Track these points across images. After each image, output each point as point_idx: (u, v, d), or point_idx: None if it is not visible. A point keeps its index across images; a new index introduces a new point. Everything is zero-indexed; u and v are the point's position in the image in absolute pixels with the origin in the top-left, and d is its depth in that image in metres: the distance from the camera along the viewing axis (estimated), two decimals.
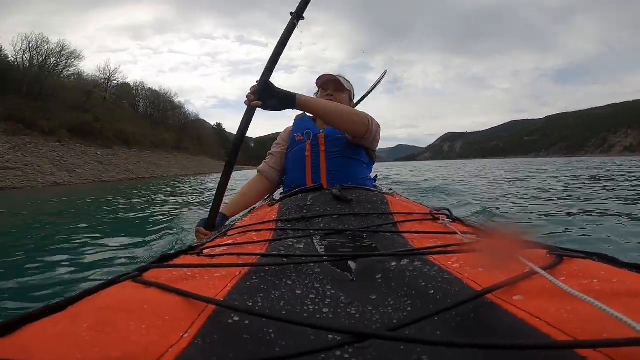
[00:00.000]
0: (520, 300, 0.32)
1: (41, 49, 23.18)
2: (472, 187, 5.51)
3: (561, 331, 0.26)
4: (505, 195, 4.13)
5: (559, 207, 3.11)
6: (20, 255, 2.14)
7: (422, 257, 0.47)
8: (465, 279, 0.39)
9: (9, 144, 15.22)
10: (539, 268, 0.35)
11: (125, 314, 0.31)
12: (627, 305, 0.28)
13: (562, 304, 0.29)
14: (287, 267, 0.47)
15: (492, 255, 0.44)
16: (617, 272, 0.35)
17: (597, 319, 0.26)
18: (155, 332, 0.29)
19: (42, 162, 15.23)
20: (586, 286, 0.32)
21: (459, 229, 0.62)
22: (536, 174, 8.66)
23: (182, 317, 0.32)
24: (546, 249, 0.43)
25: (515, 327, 0.28)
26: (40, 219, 4.03)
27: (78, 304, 0.34)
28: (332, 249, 0.59)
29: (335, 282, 0.43)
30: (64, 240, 2.61)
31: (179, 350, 0.27)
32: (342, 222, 0.74)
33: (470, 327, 0.30)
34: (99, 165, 18.98)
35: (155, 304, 0.33)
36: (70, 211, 4.81)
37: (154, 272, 0.44)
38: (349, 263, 0.49)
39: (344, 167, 1.26)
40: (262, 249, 0.58)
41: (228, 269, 0.45)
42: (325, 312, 0.35)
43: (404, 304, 0.36)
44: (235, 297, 0.38)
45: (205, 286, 0.40)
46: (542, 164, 20.68)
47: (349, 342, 0.27)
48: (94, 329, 0.28)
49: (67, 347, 0.26)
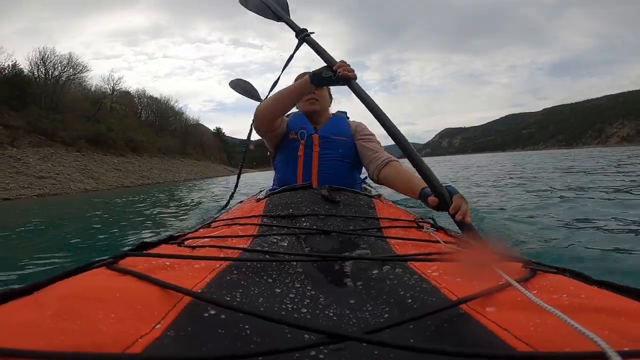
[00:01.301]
0: (492, 312, 0.33)
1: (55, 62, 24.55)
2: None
3: (527, 344, 0.27)
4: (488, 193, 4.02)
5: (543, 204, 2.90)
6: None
7: (404, 263, 0.48)
8: (442, 288, 0.39)
9: (37, 155, 16.56)
10: (514, 280, 0.36)
11: (95, 301, 0.30)
12: (592, 320, 0.28)
13: (532, 317, 0.30)
14: (269, 264, 0.46)
15: (471, 266, 0.45)
16: (586, 288, 0.36)
17: (562, 332, 0.26)
18: (125, 322, 0.28)
19: (70, 171, 16.60)
20: (556, 300, 0.33)
21: (442, 238, 0.63)
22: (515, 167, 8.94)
23: (156, 307, 0.31)
24: (522, 262, 0.45)
25: (484, 337, 0.29)
26: (130, 211, 5.26)
27: (44, 290, 0.33)
28: (316, 250, 0.59)
29: (316, 283, 0.43)
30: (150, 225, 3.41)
31: (150, 341, 0.26)
32: (329, 222, 0.74)
33: (443, 336, 0.31)
34: (118, 172, 20.33)
35: (128, 293, 0.33)
36: (137, 205, 6.10)
37: (131, 260, 0.43)
38: (331, 265, 0.50)
39: (336, 169, 1.26)
40: (245, 244, 0.57)
41: (208, 261, 0.45)
42: (303, 312, 0.36)
43: (381, 310, 0.37)
44: (213, 290, 0.37)
45: (183, 277, 0.39)
46: (534, 155, 20.48)
47: (325, 343, 0.27)
48: (59, 316, 0.27)
49: (29, 334, 0.25)
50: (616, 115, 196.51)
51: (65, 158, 18.05)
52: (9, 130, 17.03)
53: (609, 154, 14.71)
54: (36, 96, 21.46)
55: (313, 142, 1.26)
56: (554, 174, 6.09)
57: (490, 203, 3.13)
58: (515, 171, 7.56)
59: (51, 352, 0.23)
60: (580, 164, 8.12)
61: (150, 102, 40.37)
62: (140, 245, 0.53)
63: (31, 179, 13.80)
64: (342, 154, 1.26)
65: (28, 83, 21.72)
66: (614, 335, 0.26)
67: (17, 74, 21.09)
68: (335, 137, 1.27)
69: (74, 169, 17.24)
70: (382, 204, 0.98)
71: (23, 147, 16.65)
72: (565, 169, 6.84)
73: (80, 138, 20.84)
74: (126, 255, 0.44)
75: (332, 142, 1.26)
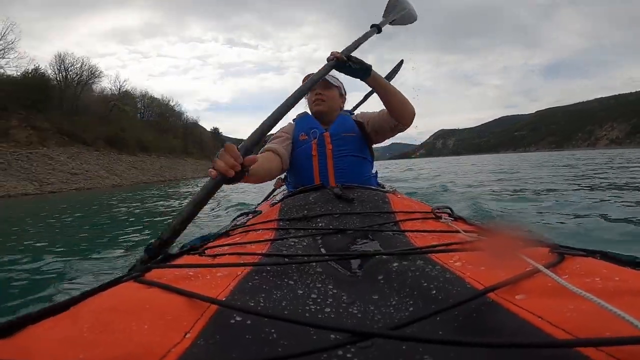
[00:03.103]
0: (522, 299, 0.32)
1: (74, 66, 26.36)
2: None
3: (564, 330, 0.26)
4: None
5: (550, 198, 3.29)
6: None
7: (424, 256, 0.47)
8: (467, 277, 0.39)
9: (66, 154, 18.39)
10: (542, 266, 0.35)
11: (127, 314, 0.31)
12: (630, 303, 0.28)
13: (565, 303, 0.29)
14: (289, 267, 0.47)
15: (495, 254, 0.43)
16: (619, 270, 0.35)
17: (600, 317, 0.26)
18: (157, 332, 0.29)
19: (96, 169, 18.54)
20: (588, 284, 0.32)
21: (461, 228, 0.62)
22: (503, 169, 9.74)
23: (184, 316, 0.32)
24: (548, 247, 0.43)
25: (517, 326, 0.28)
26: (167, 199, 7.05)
27: (79, 305, 0.34)
28: (334, 249, 0.59)
29: (337, 282, 0.43)
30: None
31: (182, 350, 0.27)
32: (344, 221, 0.74)
33: (472, 327, 0.30)
34: (135, 170, 22.32)
35: (157, 304, 0.33)
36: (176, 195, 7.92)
37: (156, 272, 0.44)
38: (351, 262, 0.49)
39: (351, 165, 1.26)
40: (263, 249, 0.58)
41: (230, 268, 0.46)
42: (327, 311, 0.36)
43: (406, 303, 0.36)
44: (237, 297, 0.38)
45: (207, 286, 0.40)
46: (527, 158, 21.63)
47: (351, 342, 0.27)
48: (95, 329, 0.28)
49: (68, 348, 0.26)
50: (606, 118, 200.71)
51: (89, 157, 19.98)
52: (38, 131, 18.79)
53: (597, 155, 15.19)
54: (57, 99, 23.18)
55: (325, 140, 1.26)
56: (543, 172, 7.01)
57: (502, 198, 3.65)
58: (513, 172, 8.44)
59: None
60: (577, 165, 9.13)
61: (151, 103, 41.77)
62: (163, 257, 0.55)
63: (67, 175, 15.71)
64: (354, 150, 1.27)
65: (51, 87, 23.50)
66: None
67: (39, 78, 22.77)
68: (346, 134, 1.28)
69: (98, 166, 19.15)
70: (397, 197, 0.97)
71: (52, 147, 18.45)
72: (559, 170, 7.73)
73: (98, 138, 22.62)
74: (152, 268, 0.46)
75: (344, 139, 1.27)
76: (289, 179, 1.43)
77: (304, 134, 1.30)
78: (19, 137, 17.16)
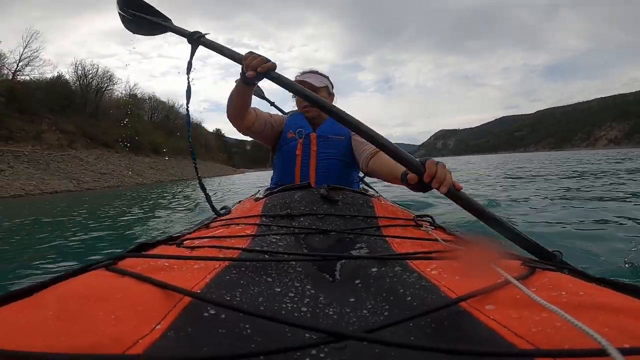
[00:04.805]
0: (491, 309, 0.33)
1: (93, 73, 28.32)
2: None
3: (527, 341, 0.27)
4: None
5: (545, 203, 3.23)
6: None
7: (403, 262, 0.47)
8: (442, 286, 0.39)
9: (92, 156, 20.24)
10: (512, 278, 0.36)
11: (95, 302, 0.30)
12: (591, 317, 0.28)
13: (531, 314, 0.30)
14: (268, 264, 0.46)
15: (469, 264, 0.44)
16: (585, 285, 0.36)
17: (563, 329, 0.27)
18: (126, 322, 0.28)
19: (120, 169, 20.42)
20: (555, 297, 0.33)
21: (441, 237, 0.63)
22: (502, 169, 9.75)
23: (156, 308, 0.31)
24: (520, 260, 0.45)
25: (486, 335, 0.29)
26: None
27: (44, 291, 0.33)
28: (315, 249, 0.60)
29: (316, 282, 0.43)
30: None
31: (150, 342, 0.26)
32: (327, 222, 0.74)
33: (443, 334, 0.31)
34: (153, 170, 24.18)
35: (128, 294, 0.33)
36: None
37: (130, 261, 0.43)
38: (330, 264, 0.50)
39: (334, 168, 1.26)
40: (244, 244, 0.57)
41: (208, 261, 0.45)
42: (303, 311, 0.36)
43: (381, 308, 0.37)
44: (212, 290, 0.37)
45: (182, 277, 0.39)
46: (525, 158, 21.31)
47: (325, 342, 0.27)
48: (59, 317, 0.27)
49: (30, 335, 0.25)
50: (605, 118, 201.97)
51: (112, 158, 21.88)
52: (66, 135, 20.63)
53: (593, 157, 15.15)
54: (80, 104, 25.02)
55: (311, 141, 1.26)
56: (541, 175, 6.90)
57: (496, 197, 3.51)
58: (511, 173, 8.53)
59: (51, 353, 0.23)
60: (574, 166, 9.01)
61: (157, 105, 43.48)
62: (138, 246, 0.53)
63: (97, 175, 17.57)
64: (339, 154, 1.27)
65: (73, 93, 25.40)
66: (613, 332, 0.26)
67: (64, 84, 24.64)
68: (333, 137, 1.27)
69: (122, 167, 21.06)
70: (381, 203, 0.97)
71: (79, 149, 20.31)
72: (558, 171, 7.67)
73: (117, 141, 24.41)
74: (125, 257, 0.44)
75: (330, 141, 1.26)
76: (272, 175, 1.43)
77: (292, 132, 1.30)
78: (50, 140, 19.00)
